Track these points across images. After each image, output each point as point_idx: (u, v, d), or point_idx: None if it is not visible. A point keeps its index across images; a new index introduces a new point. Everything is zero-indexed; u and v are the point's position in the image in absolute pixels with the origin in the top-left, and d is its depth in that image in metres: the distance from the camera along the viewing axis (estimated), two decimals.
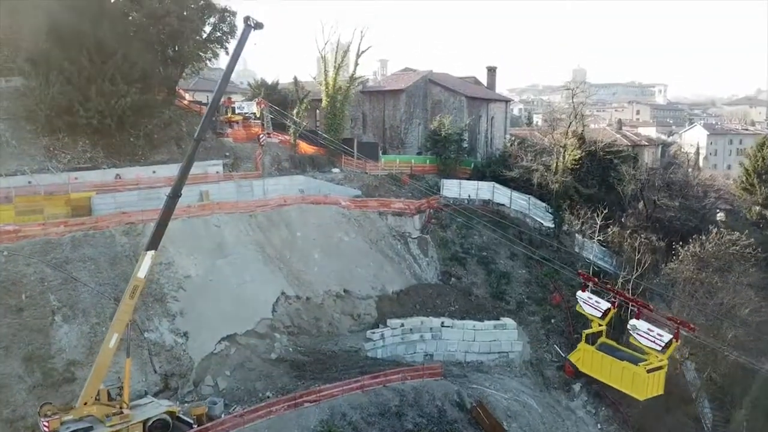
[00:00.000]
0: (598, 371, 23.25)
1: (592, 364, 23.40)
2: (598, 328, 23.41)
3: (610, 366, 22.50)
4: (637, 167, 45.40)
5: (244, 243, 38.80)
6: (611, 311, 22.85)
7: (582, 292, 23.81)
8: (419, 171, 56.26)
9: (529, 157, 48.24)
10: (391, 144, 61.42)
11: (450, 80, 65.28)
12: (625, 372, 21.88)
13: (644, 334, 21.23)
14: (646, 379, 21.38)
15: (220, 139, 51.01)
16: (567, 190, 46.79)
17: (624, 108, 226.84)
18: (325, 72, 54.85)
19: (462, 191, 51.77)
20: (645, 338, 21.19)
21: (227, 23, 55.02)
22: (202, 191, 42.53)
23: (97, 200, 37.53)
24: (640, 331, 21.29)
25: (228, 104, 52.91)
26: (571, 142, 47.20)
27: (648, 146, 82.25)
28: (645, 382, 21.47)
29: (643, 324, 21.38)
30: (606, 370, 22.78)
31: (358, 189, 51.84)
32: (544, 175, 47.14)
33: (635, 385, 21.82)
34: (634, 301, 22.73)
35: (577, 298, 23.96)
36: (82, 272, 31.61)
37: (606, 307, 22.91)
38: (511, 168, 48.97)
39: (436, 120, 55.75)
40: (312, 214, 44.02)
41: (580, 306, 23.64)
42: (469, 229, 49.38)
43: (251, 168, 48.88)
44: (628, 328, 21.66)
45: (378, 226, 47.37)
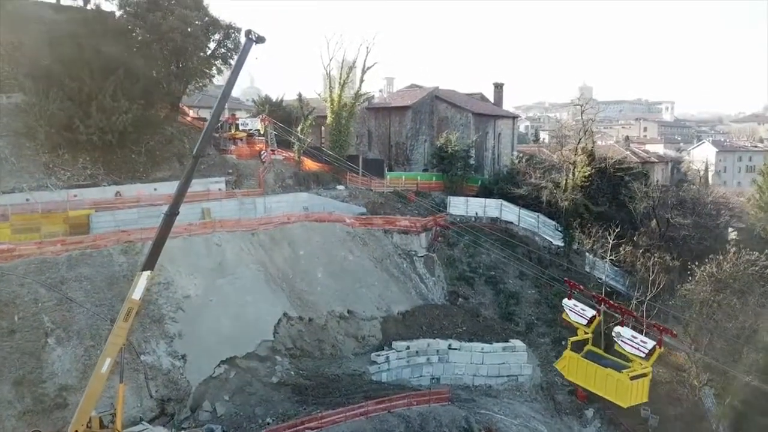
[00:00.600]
0: (583, 379, 23.03)
1: (577, 371, 23.17)
2: (584, 336, 23.20)
3: (595, 373, 22.29)
4: (648, 184, 44.17)
5: (245, 262, 37.82)
6: (596, 319, 22.57)
7: (568, 299, 23.68)
8: (425, 188, 55.35)
9: (538, 174, 47.20)
10: (396, 161, 60.62)
11: (456, 96, 64.63)
12: (609, 379, 21.65)
13: (628, 341, 21.02)
14: (630, 386, 21.17)
15: (224, 156, 50.41)
16: (577, 207, 45.65)
17: (631, 125, 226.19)
18: (330, 88, 54.29)
19: (469, 209, 50.75)
20: (629, 345, 20.99)
21: (232, 39, 54.73)
22: (204, 209, 41.71)
23: (95, 218, 36.74)
24: (624, 338, 21.09)
25: (232, 121, 52.43)
26: (580, 159, 46.18)
27: (658, 163, 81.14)
28: (628, 390, 21.26)
29: (627, 331, 21.22)
30: (591, 377, 22.56)
31: (363, 206, 50.96)
32: (554, 192, 46.07)
33: (619, 392, 21.64)
34: (619, 308, 22.48)
35: (563, 305, 23.82)
36: (77, 292, 30.66)
37: (591, 314, 22.65)
38: (520, 185, 47.93)
39: (442, 136, 54.96)
40: (316, 232, 43.06)
41: (566, 314, 23.49)
42: (477, 248, 48.28)
43: (254, 185, 48.14)
44: (613, 335, 21.37)
45: (383, 245, 46.35)
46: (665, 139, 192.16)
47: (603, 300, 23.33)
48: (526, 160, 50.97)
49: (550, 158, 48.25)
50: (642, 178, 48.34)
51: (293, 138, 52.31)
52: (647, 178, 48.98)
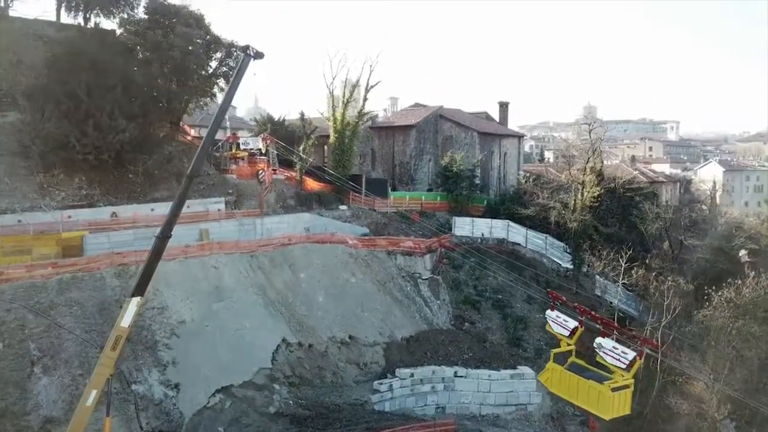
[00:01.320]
0: (566, 391, 22.61)
1: (560, 383, 22.76)
2: (567, 348, 22.82)
3: (577, 385, 21.88)
4: (659, 205, 42.81)
5: (244, 285, 36.55)
6: (578, 330, 22.19)
7: (551, 310, 23.44)
8: (430, 208, 54.15)
9: (546, 194, 45.94)
10: (400, 180, 59.54)
11: (461, 116, 63.74)
12: (591, 391, 21.20)
13: (609, 352, 20.75)
14: (611, 398, 20.71)
15: (224, 175, 49.38)
16: (586, 229, 44.31)
17: (636, 144, 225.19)
18: (333, 107, 53.41)
19: (475, 229, 49.47)
20: (610, 356, 20.75)
21: (233, 58, 54.10)
22: (202, 230, 40.55)
23: (89, 240, 35.59)
24: (605, 349, 20.77)
25: (233, 140, 51.50)
26: (589, 179, 44.95)
27: (666, 183, 79.81)
28: (610, 402, 20.79)
29: (608, 342, 20.93)
30: (573, 389, 22.14)
31: (366, 227, 49.78)
32: (562, 213, 44.78)
33: (600, 404, 21.16)
34: (600, 319, 22.19)
35: (546, 317, 23.59)
36: (67, 318, 29.38)
37: (573, 325, 22.26)
38: (527, 206, 46.68)
39: (447, 156, 53.90)
40: (317, 254, 41.80)
41: (549, 325, 23.25)
42: (483, 270, 46.88)
43: (255, 206, 46.96)
44: (594, 346, 21.03)
45: (387, 267, 45.02)
46: (671, 158, 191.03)
47: (585, 311, 22.98)
48: (533, 180, 49.76)
49: (558, 178, 46.97)
50: (652, 199, 46.99)
51: (295, 157, 51.30)
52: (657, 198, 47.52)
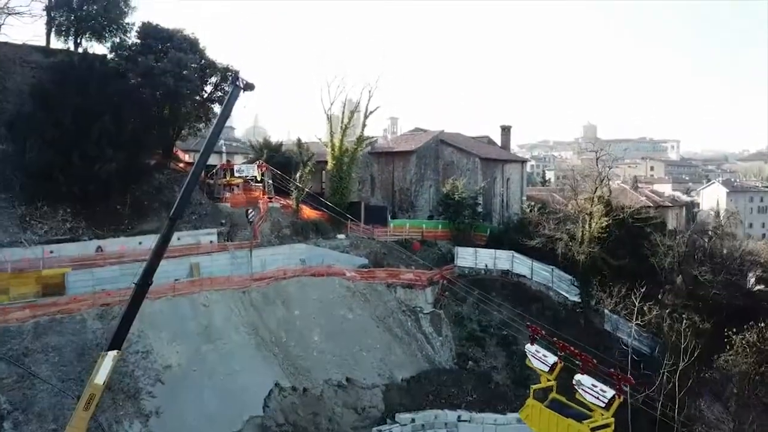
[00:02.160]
0: (546, 429, 22.01)
1: (540, 421, 22.31)
2: (547, 383, 22.52)
3: (557, 423, 21.37)
4: (671, 236, 40.88)
5: (235, 325, 34.53)
6: (558, 366, 22.13)
7: (530, 345, 23.52)
8: (431, 236, 52.26)
9: (551, 224, 44.07)
10: (400, 207, 57.75)
11: (462, 140, 62.19)
12: (570, 429, 20.67)
13: (588, 389, 20.34)
14: None
15: (217, 204, 47.57)
16: (594, 261, 42.40)
17: (637, 164, 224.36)
18: (332, 133, 51.84)
19: (478, 260, 47.49)
20: (589, 394, 20.35)
21: (229, 82, 52.68)
22: (192, 264, 38.66)
23: (72, 277, 33.62)
24: (584, 386, 20.42)
25: (227, 167, 49.76)
26: (597, 209, 43.13)
27: (672, 207, 78.09)
28: None
29: (587, 379, 20.60)
30: (553, 427, 21.64)
31: (364, 257, 47.88)
32: (569, 245, 42.88)
33: None
34: (579, 355, 21.94)
35: (526, 351, 23.59)
36: (42, 366, 27.34)
37: (553, 361, 22.26)
38: (532, 236, 44.77)
39: (448, 183, 52.16)
40: (313, 289, 39.87)
41: (529, 360, 23.17)
42: (487, 304, 44.83)
43: (249, 236, 45.08)
44: (574, 383, 20.65)
45: (386, 300, 43.04)
46: (673, 179, 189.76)
47: (564, 347, 22.99)
48: (538, 209, 47.92)
49: (564, 208, 45.11)
50: (663, 229, 45.12)
51: (291, 186, 49.59)
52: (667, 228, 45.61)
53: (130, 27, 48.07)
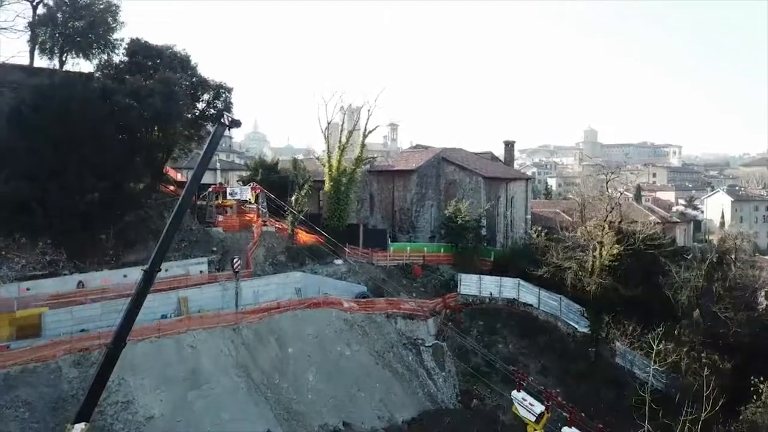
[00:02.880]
0: None
1: None
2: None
3: None
4: (689, 269, 38.59)
5: (224, 367, 32.28)
6: (545, 416, 22.57)
7: (517, 392, 23.64)
8: (433, 261, 50.05)
9: (560, 253, 41.83)
10: (401, 228, 55.56)
11: (465, 157, 59.99)
12: None
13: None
14: None
15: (209, 229, 45.39)
16: (606, 292, 40.17)
17: (639, 171, 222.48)
18: (329, 153, 49.65)
19: (482, 288, 45.31)
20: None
21: (222, 100, 50.70)
22: (180, 298, 36.41)
23: (50, 317, 31.37)
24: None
25: (219, 190, 47.57)
26: (608, 238, 40.89)
27: (680, 223, 75.92)
28: None
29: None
30: None
31: (363, 284, 45.83)
32: (579, 274, 40.67)
33: None
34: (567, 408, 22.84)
35: (512, 398, 23.80)
36: (11, 424, 25.12)
37: (539, 410, 22.65)
38: (539, 264, 42.54)
39: (451, 205, 49.94)
40: (308, 323, 37.67)
41: (515, 407, 23.49)
42: (493, 335, 42.73)
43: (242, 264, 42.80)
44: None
45: (386, 333, 40.89)
46: (676, 186, 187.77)
47: (550, 396, 23.22)
48: (545, 233, 45.67)
49: (573, 235, 42.81)
50: (677, 256, 42.89)
51: (287, 209, 47.42)
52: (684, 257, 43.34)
53: (119, 43, 46.05)
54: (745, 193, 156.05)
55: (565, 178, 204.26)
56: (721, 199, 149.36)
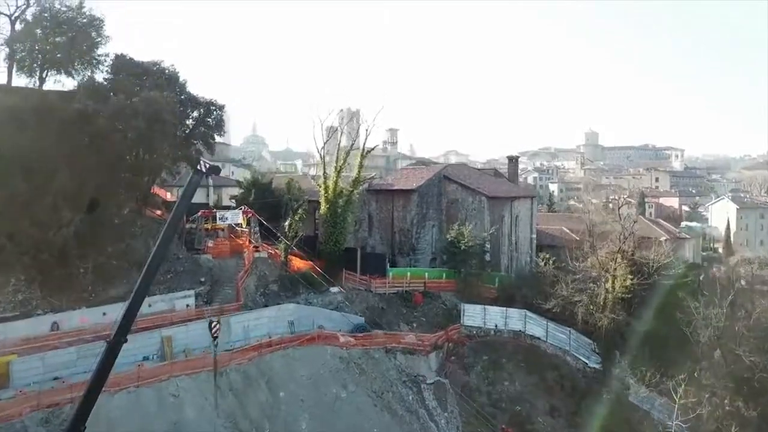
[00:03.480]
0: None
1: None
2: None
3: None
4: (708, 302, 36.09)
5: (209, 418, 29.78)
6: None
7: None
8: (434, 287, 47.50)
9: (569, 284, 39.35)
10: (401, 250, 53.05)
11: (467, 174, 57.52)
12: None
13: None
14: None
15: (197, 256, 42.83)
16: (619, 327, 37.73)
17: (642, 175, 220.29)
18: (325, 175, 47.17)
19: (487, 319, 42.81)
20: None
21: (213, 117, 48.36)
22: (164, 338, 33.87)
23: (18, 366, 28.79)
24: None
25: (208, 214, 45.04)
26: (621, 272, 38.41)
27: (689, 239, 73.48)
28: None
29: None
30: None
31: (361, 314, 43.28)
32: (590, 308, 38.21)
33: None
34: None
35: None
36: None
37: None
38: (547, 296, 40.09)
39: (453, 229, 47.44)
40: (301, 363, 35.22)
41: None
42: (498, 371, 40.26)
43: (232, 294, 40.39)
44: None
45: (384, 370, 38.42)
46: (680, 192, 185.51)
47: None
48: (552, 261, 43.18)
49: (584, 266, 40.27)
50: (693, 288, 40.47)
51: (280, 234, 44.98)
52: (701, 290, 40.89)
53: (104, 59, 43.73)
54: (751, 201, 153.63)
55: (567, 184, 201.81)
56: (726, 206, 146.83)
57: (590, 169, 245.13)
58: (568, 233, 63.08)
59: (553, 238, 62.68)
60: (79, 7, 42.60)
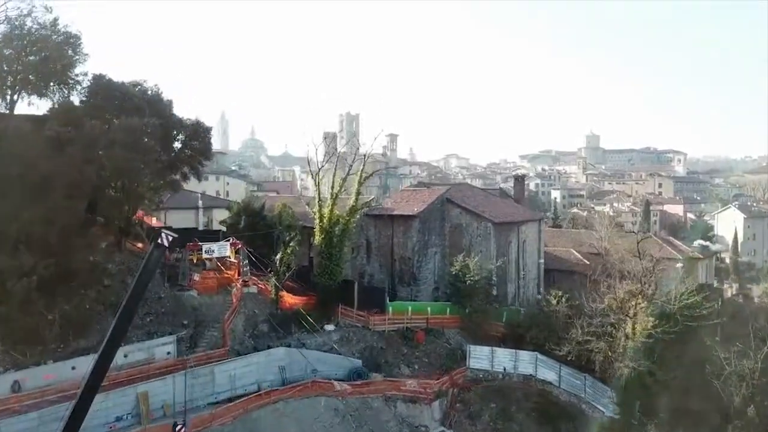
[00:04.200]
0: None
1: None
2: None
3: None
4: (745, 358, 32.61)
5: None
6: None
7: None
8: (437, 323, 44.21)
9: (584, 327, 36.10)
10: (401, 279, 49.74)
11: (472, 196, 54.30)
12: None
13: None
14: None
15: (181, 294, 39.46)
16: (640, 375, 34.50)
17: (645, 181, 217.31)
18: (320, 202, 43.89)
19: (495, 362, 39.60)
20: None
21: (200, 140, 45.05)
22: (140, 394, 30.61)
23: None
24: None
25: (194, 248, 41.69)
26: (641, 310, 35.21)
27: (702, 259, 70.23)
28: None
29: None
30: None
31: (358, 355, 40.15)
32: (608, 355, 34.98)
33: None
34: None
35: None
36: None
37: None
38: (560, 341, 36.83)
39: (458, 261, 44.19)
40: (292, 419, 32.25)
41: None
42: (507, 421, 37.05)
43: (218, 337, 37.10)
44: None
45: (384, 421, 35.38)
46: (685, 198, 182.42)
47: None
48: (565, 300, 39.90)
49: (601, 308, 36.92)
50: (720, 327, 37.24)
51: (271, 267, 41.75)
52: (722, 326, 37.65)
53: (82, 78, 40.48)
54: (758, 209, 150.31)
55: (570, 190, 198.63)
56: (733, 215, 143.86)
57: (592, 174, 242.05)
58: (577, 256, 59.92)
59: (562, 261, 59.46)
60: (53, 24, 39.34)
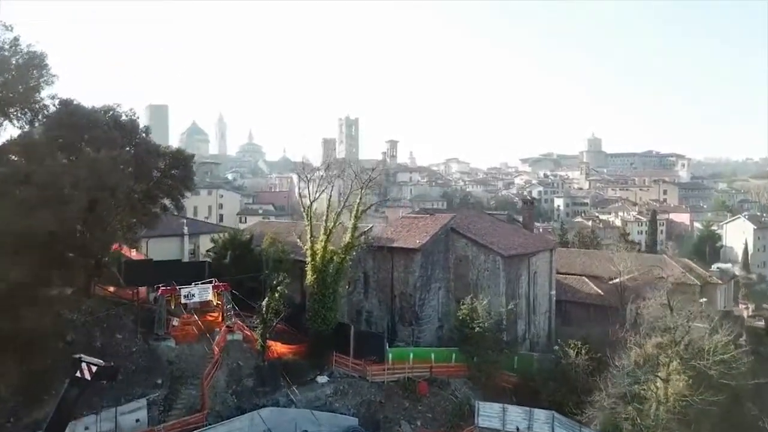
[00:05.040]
0: None
1: None
2: None
3: None
4: None
5: None
6: None
7: None
8: (442, 372, 40.18)
9: (609, 390, 31.97)
10: (402, 317, 45.68)
11: (478, 224, 50.23)
12: None
13: None
14: None
15: (157, 346, 35.42)
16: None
17: (649, 187, 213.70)
18: (312, 238, 39.86)
19: (507, 421, 35.42)
20: None
21: (181, 168, 41.16)
22: None
23: None
24: None
25: (172, 292, 37.60)
26: (675, 369, 31.15)
27: (720, 284, 66.14)
28: None
29: None
30: None
31: (354, 412, 36.09)
32: (637, 423, 30.89)
33: None
34: None
35: None
36: None
37: None
38: (581, 404, 32.74)
39: (465, 305, 40.13)
40: None
41: None
42: None
43: (196, 395, 33.03)
44: None
45: None
46: (690, 207, 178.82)
47: None
48: (585, 351, 35.86)
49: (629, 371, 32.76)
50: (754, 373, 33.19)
51: (257, 313, 37.72)
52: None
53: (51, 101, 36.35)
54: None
55: (573, 198, 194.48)
56: (742, 225, 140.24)
57: (595, 180, 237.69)
58: (590, 286, 55.97)
59: (575, 292, 55.50)
60: (14, 43, 35.22)
